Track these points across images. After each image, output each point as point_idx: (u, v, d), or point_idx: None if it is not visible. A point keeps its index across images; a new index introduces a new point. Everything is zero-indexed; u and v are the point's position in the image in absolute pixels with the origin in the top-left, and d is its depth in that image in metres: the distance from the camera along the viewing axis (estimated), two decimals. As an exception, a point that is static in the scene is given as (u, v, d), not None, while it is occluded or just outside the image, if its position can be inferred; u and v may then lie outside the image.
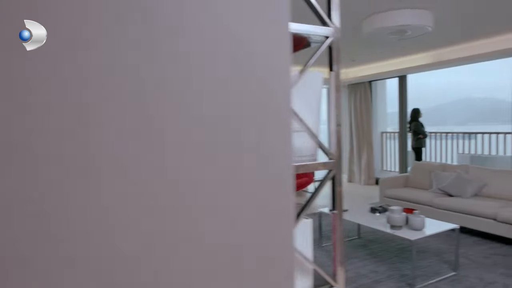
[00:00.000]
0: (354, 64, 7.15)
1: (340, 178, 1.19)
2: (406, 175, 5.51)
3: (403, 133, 7.53)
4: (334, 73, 1.16)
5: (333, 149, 1.17)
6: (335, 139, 1.17)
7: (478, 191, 4.55)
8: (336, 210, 1.19)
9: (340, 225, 1.18)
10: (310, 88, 1.17)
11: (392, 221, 3.19)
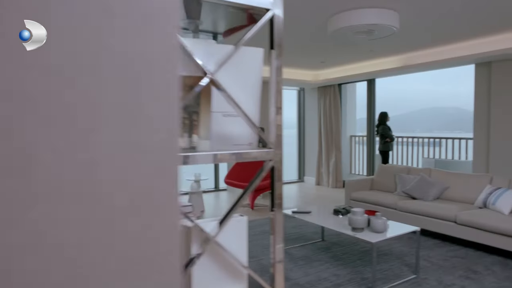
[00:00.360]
0: (324, 66, 7.13)
1: (280, 171, 1.05)
2: (371, 178, 5.50)
3: (371, 137, 7.58)
4: (275, 52, 1.02)
5: (272, 138, 1.03)
6: (275, 126, 1.04)
7: (440, 194, 4.58)
8: (275, 208, 1.05)
9: (279, 225, 1.05)
10: (247, 67, 1.03)
11: (353, 223, 3.11)
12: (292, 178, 9.18)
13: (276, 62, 1.04)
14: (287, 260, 3.66)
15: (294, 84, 8.30)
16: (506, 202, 3.80)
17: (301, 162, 9.14)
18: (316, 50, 5.68)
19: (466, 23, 4.28)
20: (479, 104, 5.63)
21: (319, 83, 7.99)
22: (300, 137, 9.15)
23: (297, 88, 9.02)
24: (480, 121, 5.62)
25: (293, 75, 7.68)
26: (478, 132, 5.65)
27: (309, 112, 8.88)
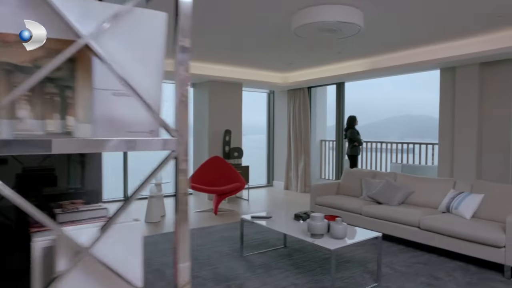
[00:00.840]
0: (293, 68, 7.01)
1: (186, 165, 0.83)
2: (338, 182, 5.38)
3: (339, 141, 7.51)
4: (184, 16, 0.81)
5: (177, 126, 0.82)
6: (181, 112, 0.82)
7: (405, 198, 4.50)
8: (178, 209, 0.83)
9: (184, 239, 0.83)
10: (145, 36, 0.81)
11: (312, 229, 2.93)
12: (261, 182, 9.00)
13: (181, 30, 0.83)
14: (245, 268, 3.44)
15: (264, 87, 8.15)
16: (468, 206, 3.75)
17: (270, 166, 8.98)
18: (282, 50, 5.53)
19: (429, 27, 4.25)
20: (444, 110, 5.64)
21: (289, 85, 7.87)
22: (269, 141, 8.99)
23: (267, 90, 8.87)
24: (444, 126, 5.63)
25: (262, 77, 7.52)
26: (443, 137, 5.66)
27: (279, 115, 8.75)
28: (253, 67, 6.91)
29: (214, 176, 6.13)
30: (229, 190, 5.83)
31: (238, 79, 7.15)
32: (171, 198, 7.14)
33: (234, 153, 7.04)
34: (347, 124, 7.02)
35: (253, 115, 9.48)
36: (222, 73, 6.96)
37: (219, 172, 6.18)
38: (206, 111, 7.18)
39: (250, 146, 10.44)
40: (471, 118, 5.21)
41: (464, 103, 5.28)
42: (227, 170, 6.18)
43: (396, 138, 26.73)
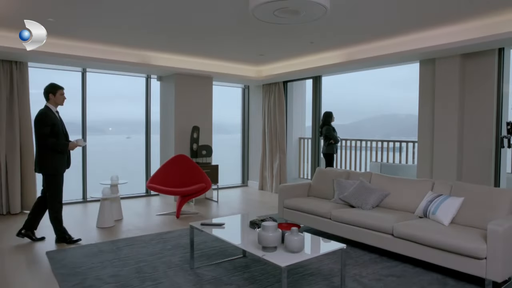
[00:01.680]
0: (265, 60, 6.54)
1: None
2: (308, 183, 4.95)
3: (316, 138, 7.09)
4: None
5: None
6: None
7: (380, 201, 4.09)
8: None
9: None
10: None
11: (263, 241, 2.48)
12: (236, 182, 8.53)
13: None
14: (191, 284, 2.96)
15: (237, 81, 7.66)
16: (446, 211, 3.35)
17: (245, 165, 8.52)
18: (249, 39, 5.06)
19: (406, 13, 3.84)
20: (423, 106, 5.26)
21: (263, 80, 7.41)
22: (244, 138, 8.53)
23: (241, 85, 8.40)
24: (424, 122, 5.25)
25: (234, 70, 7.04)
26: (422, 134, 5.28)
27: (254, 111, 8.28)
28: (222, 58, 6.43)
29: (178, 176, 5.64)
30: (192, 191, 5.35)
31: (207, 72, 6.65)
32: (131, 199, 6.62)
33: (202, 151, 6.55)
34: (322, 121, 6.60)
35: (228, 112, 9.00)
36: (190, 65, 6.46)
37: (184, 172, 5.68)
38: (172, 106, 6.67)
39: (225, 145, 9.95)
40: (451, 114, 4.83)
41: (444, 98, 4.90)
42: (192, 169, 5.69)
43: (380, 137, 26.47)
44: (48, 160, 3.82)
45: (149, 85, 7.02)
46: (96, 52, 5.54)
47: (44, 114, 3.83)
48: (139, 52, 5.88)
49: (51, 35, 4.74)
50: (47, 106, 3.93)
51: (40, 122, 3.79)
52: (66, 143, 3.93)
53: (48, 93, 3.92)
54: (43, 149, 3.82)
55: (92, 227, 4.75)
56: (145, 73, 6.80)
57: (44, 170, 3.87)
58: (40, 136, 3.78)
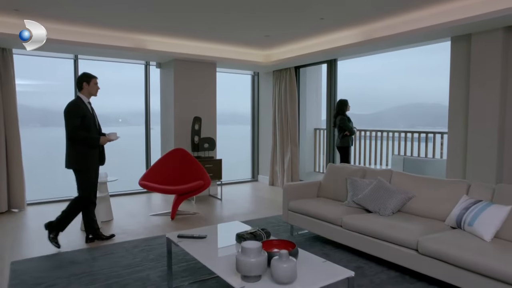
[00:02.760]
0: (272, 42, 5.86)
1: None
2: (318, 182, 4.29)
3: (330, 129, 6.39)
4: None
5: None
6: None
7: (402, 205, 3.40)
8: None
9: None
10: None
11: (242, 268, 1.87)
12: (245, 177, 7.94)
13: None
14: (162, 312, 2.40)
15: (245, 67, 7.01)
16: (488, 222, 2.63)
17: (255, 158, 7.91)
18: (250, 15, 4.40)
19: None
20: (455, 89, 4.47)
21: (273, 65, 6.73)
22: (254, 129, 7.90)
23: (251, 72, 7.75)
24: (455, 110, 4.47)
25: (240, 54, 6.39)
26: (454, 124, 4.50)
27: (264, 100, 7.63)
28: (226, 41, 5.79)
29: (175, 172, 5.10)
30: (189, 189, 4.79)
31: (210, 57, 6.04)
32: (127, 197, 6.14)
33: (204, 144, 5.98)
34: (336, 110, 5.89)
35: (238, 101, 8.39)
36: (190, 49, 5.86)
37: (182, 168, 5.14)
38: (171, 95, 6.11)
39: (235, 136, 9.37)
40: (491, 100, 4.04)
41: (482, 81, 4.11)
42: (191, 165, 5.14)
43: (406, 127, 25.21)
44: (77, 154, 3.55)
45: (148, 73, 6.48)
46: (88, 37, 5.02)
47: (74, 104, 3.56)
48: (135, 36, 5.33)
49: (44, 18, 4.25)
50: (78, 96, 3.64)
51: (70, 113, 3.51)
52: (97, 137, 3.62)
53: (82, 82, 3.62)
54: (73, 142, 3.54)
55: (76, 229, 4.27)
56: (142, 59, 6.26)
57: (74, 165, 3.58)
58: (70, 128, 3.49)
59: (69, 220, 3.68)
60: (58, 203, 5.50)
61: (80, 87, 3.64)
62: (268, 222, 4.60)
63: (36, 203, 5.63)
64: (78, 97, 3.64)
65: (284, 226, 4.36)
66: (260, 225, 4.41)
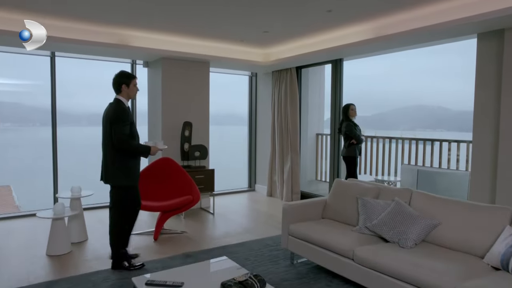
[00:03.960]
0: (274, 41, 5.27)
1: None
2: (323, 201, 3.69)
3: (335, 135, 5.80)
4: None
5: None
6: None
7: (426, 235, 2.81)
8: None
9: None
10: None
11: None
12: (242, 186, 7.34)
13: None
14: None
15: (242, 67, 6.42)
16: (547, 268, 2.04)
17: (252, 166, 7.31)
18: (251, 9, 3.81)
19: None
20: (481, 94, 3.88)
21: (272, 65, 6.14)
22: (251, 135, 7.30)
23: (248, 73, 7.15)
24: (482, 117, 3.88)
25: (236, 53, 5.80)
26: (480, 133, 3.91)
27: (263, 103, 7.04)
28: (220, 38, 5.20)
29: (161, 185, 4.51)
30: (175, 205, 4.20)
31: (202, 55, 5.45)
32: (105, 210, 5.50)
33: (195, 152, 5.38)
34: (342, 115, 5.29)
35: (234, 102, 7.81)
36: (180, 47, 5.27)
37: (169, 180, 4.55)
38: (159, 97, 5.52)
39: (230, 140, 8.77)
40: (526, 106, 3.45)
41: (516, 84, 3.52)
42: (180, 177, 4.54)
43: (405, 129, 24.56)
44: (125, 168, 3.13)
45: (134, 73, 5.89)
46: (65, 32, 4.43)
47: (123, 109, 3.11)
48: (119, 31, 4.74)
49: (9, 9, 3.68)
50: (118, 99, 3.17)
51: (119, 119, 3.05)
52: (148, 147, 3.21)
53: (121, 84, 3.18)
54: (120, 154, 3.09)
55: (41, 254, 3.67)
56: (128, 57, 5.67)
57: (123, 181, 3.14)
58: (118, 137, 3.02)
59: (128, 234, 3.30)
60: (25, 219, 4.90)
61: (118, 89, 3.18)
62: (265, 245, 4.00)
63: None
64: (119, 100, 3.16)
65: (284, 250, 3.76)
66: (256, 248, 3.81)
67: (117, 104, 3.13)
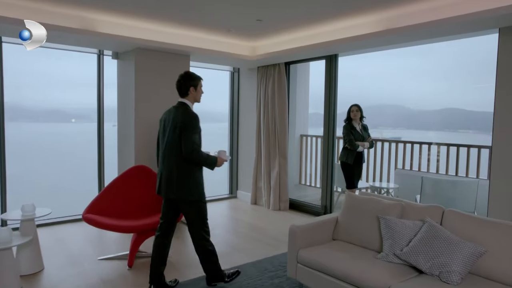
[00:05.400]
0: (264, 32, 4.67)
1: None
2: (334, 219, 3.14)
3: (330, 137, 5.28)
4: None
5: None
6: None
7: (472, 266, 2.33)
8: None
9: None
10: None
11: None
12: (221, 192, 6.70)
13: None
14: None
15: (227, 61, 5.76)
16: None
17: (234, 171, 6.68)
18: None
19: None
20: (504, 94, 3.49)
21: (258, 60, 5.54)
22: (232, 137, 6.67)
23: (230, 68, 6.51)
24: (506, 118, 3.49)
25: (222, 45, 5.15)
26: (502, 134, 3.52)
27: (246, 102, 6.42)
28: (203, 27, 4.53)
29: (137, 200, 3.79)
30: (155, 225, 3.49)
31: (183, 46, 4.75)
32: (75, 225, 4.69)
33: (174, 158, 4.68)
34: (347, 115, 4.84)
35: (212, 101, 7.13)
36: (157, 36, 4.55)
37: (146, 193, 3.83)
38: (131, 94, 4.76)
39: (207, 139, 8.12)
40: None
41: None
42: (157, 188, 3.83)
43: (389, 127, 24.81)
44: (198, 182, 2.83)
45: (102, 65, 5.08)
46: (14, 10, 3.60)
47: (195, 115, 2.82)
48: (82, 13, 3.96)
49: None
50: (185, 104, 2.88)
51: (193, 126, 2.75)
52: (215, 158, 2.89)
53: (189, 86, 2.87)
54: (189, 165, 2.78)
55: None
56: (94, 46, 4.86)
57: (196, 196, 2.81)
58: (191, 145, 2.71)
59: (216, 261, 2.97)
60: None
61: (186, 92, 2.88)
62: (263, 270, 3.41)
63: None
64: (187, 104, 2.87)
65: (285, 277, 3.19)
66: (254, 275, 3.20)
67: (188, 109, 2.84)
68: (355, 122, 4.66)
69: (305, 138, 6.93)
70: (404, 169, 5.93)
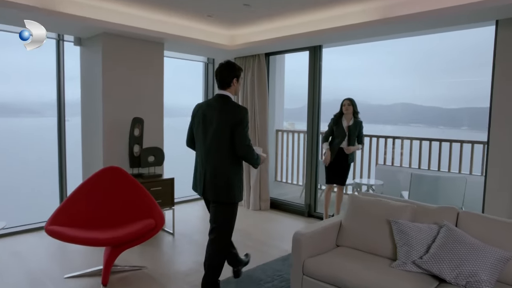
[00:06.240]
0: (248, 19, 4.30)
1: None
2: (337, 222, 2.87)
3: (313, 133, 5.04)
4: None
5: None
6: None
7: (500, 273, 2.15)
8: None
9: None
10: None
11: None
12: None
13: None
14: None
15: (203, 51, 5.33)
16: None
17: (210, 168, 6.26)
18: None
19: None
20: (502, 88, 3.40)
21: (236, 50, 5.16)
22: (208, 132, 6.24)
23: (204, 59, 6.07)
24: (504, 113, 3.40)
25: (200, 34, 4.72)
26: (499, 130, 3.43)
27: (222, 95, 6.01)
28: (181, 11, 4.09)
29: (109, 207, 3.31)
30: (132, 236, 3.06)
31: (156, 32, 4.27)
32: (28, 235, 4.09)
33: (148, 157, 4.23)
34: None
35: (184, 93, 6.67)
36: (128, 20, 4.04)
37: (119, 199, 3.35)
38: (98, 86, 4.22)
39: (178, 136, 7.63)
40: None
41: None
42: (133, 193, 3.38)
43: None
44: (239, 181, 2.62)
45: (61, 52, 4.48)
46: None
47: (247, 110, 2.59)
48: None
49: None
50: (229, 97, 2.60)
51: (246, 122, 2.50)
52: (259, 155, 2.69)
53: (233, 76, 2.59)
54: (238, 164, 2.59)
55: None
56: (52, 30, 4.24)
57: (239, 197, 2.61)
58: (247, 143, 2.50)
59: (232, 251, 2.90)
60: None
61: (228, 83, 2.58)
62: (257, 281, 3.08)
63: None
64: (230, 97, 2.60)
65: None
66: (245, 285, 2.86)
67: (236, 104, 2.59)
68: (345, 118, 4.40)
69: (280, 133, 6.68)
70: (385, 165, 5.84)
